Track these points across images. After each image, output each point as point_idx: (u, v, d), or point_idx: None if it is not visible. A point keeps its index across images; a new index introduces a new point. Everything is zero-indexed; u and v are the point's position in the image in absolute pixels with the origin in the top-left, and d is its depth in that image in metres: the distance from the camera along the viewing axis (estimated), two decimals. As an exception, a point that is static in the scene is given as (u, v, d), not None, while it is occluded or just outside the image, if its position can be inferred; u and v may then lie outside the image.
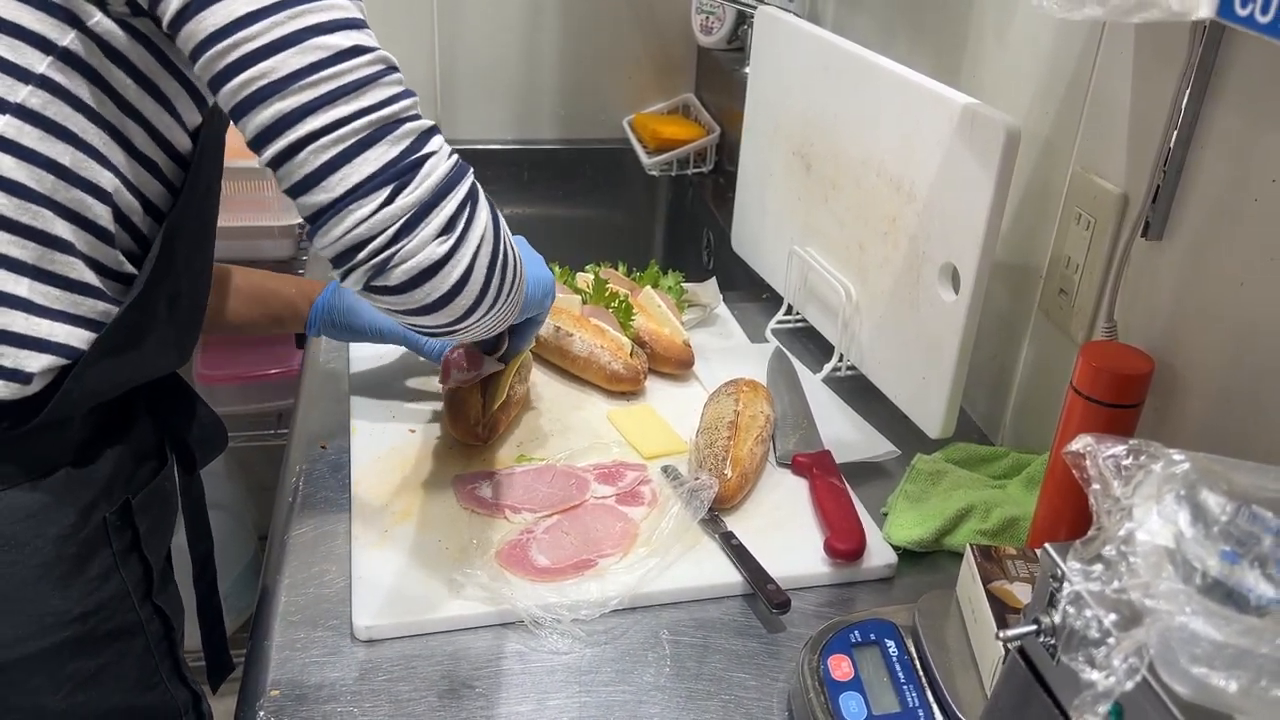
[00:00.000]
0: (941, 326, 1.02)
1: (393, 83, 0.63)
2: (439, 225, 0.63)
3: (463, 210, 0.64)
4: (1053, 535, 0.87)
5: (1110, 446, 0.51)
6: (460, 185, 0.65)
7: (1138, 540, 0.47)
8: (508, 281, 0.69)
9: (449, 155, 0.65)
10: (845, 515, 0.96)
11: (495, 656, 0.82)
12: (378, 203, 0.61)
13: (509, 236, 0.70)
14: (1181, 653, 0.43)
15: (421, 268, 0.63)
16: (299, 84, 0.59)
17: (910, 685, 0.75)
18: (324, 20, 0.61)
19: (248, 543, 1.96)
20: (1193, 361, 0.87)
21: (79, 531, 0.74)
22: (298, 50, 0.60)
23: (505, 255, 0.68)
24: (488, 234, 0.66)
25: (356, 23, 0.63)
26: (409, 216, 0.62)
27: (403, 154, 0.62)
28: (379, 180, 0.61)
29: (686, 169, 1.96)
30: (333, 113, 0.60)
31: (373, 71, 0.62)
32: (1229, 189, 0.82)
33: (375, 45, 0.63)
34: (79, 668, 0.75)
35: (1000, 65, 1.14)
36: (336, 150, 0.60)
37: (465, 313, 0.66)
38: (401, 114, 0.63)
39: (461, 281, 0.64)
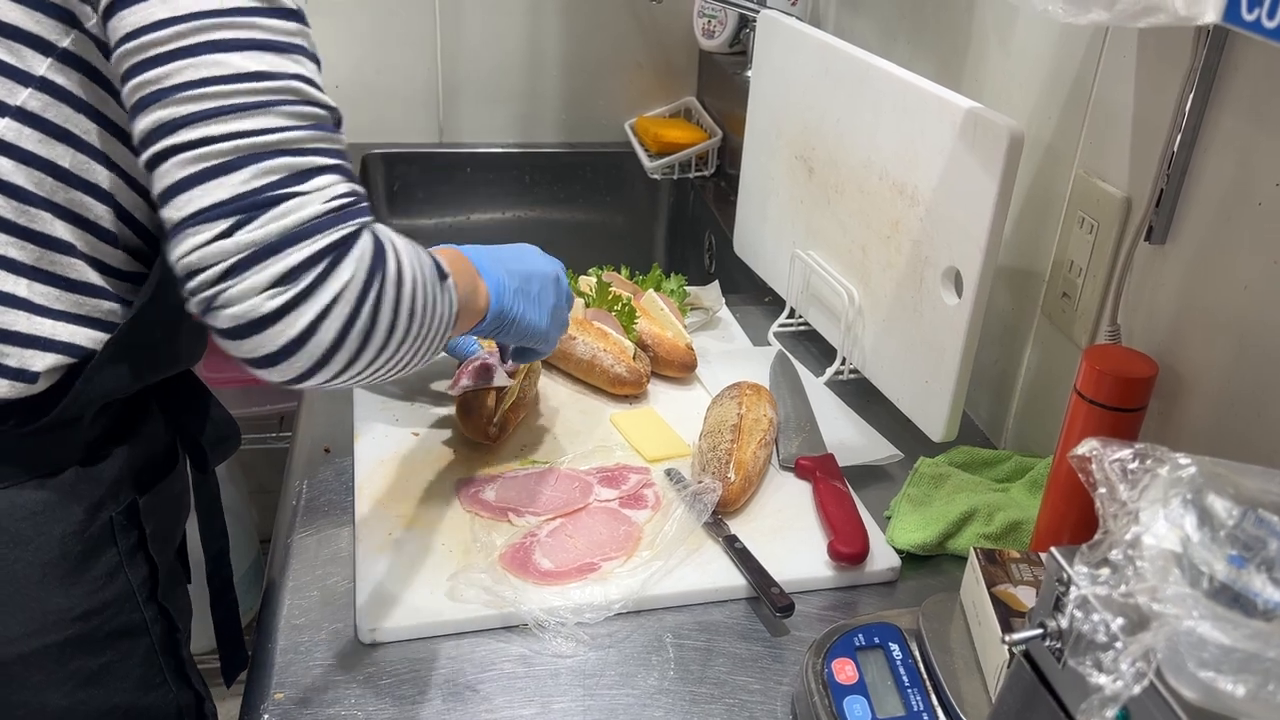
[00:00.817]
0: (944, 330, 1.02)
1: (289, 114, 0.59)
2: (273, 275, 0.57)
3: (313, 264, 0.58)
4: (1056, 539, 0.87)
5: (1116, 450, 0.51)
6: (322, 235, 0.59)
7: (1144, 544, 0.47)
8: (376, 345, 0.63)
9: (329, 200, 0.60)
10: (848, 519, 0.96)
11: (499, 660, 0.82)
12: (214, 233, 0.57)
13: (406, 293, 0.64)
14: (1189, 657, 0.43)
15: (246, 318, 0.58)
16: (182, 95, 0.58)
17: (915, 689, 0.75)
18: (233, 38, 0.59)
19: (250, 545, 1.96)
20: (1196, 365, 0.87)
21: (84, 530, 0.74)
22: (193, 63, 0.58)
23: (376, 319, 0.62)
24: (347, 294, 0.60)
25: (278, 45, 0.60)
26: (241, 257, 0.57)
27: (262, 188, 0.57)
28: (224, 209, 0.57)
29: (688, 172, 1.96)
30: (204, 130, 0.57)
31: (266, 99, 0.59)
32: (1232, 193, 0.83)
33: (290, 72, 0.60)
34: (81, 666, 0.75)
35: (1002, 69, 1.14)
36: (196, 168, 0.57)
37: (306, 373, 0.61)
38: (282, 145, 0.59)
39: (296, 343, 0.59)
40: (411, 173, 1.98)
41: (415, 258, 0.67)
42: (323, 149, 0.61)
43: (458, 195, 2.02)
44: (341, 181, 0.61)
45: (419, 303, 0.66)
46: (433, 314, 0.68)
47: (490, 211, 2.05)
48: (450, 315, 0.71)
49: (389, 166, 1.97)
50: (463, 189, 2.02)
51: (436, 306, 0.68)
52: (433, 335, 0.69)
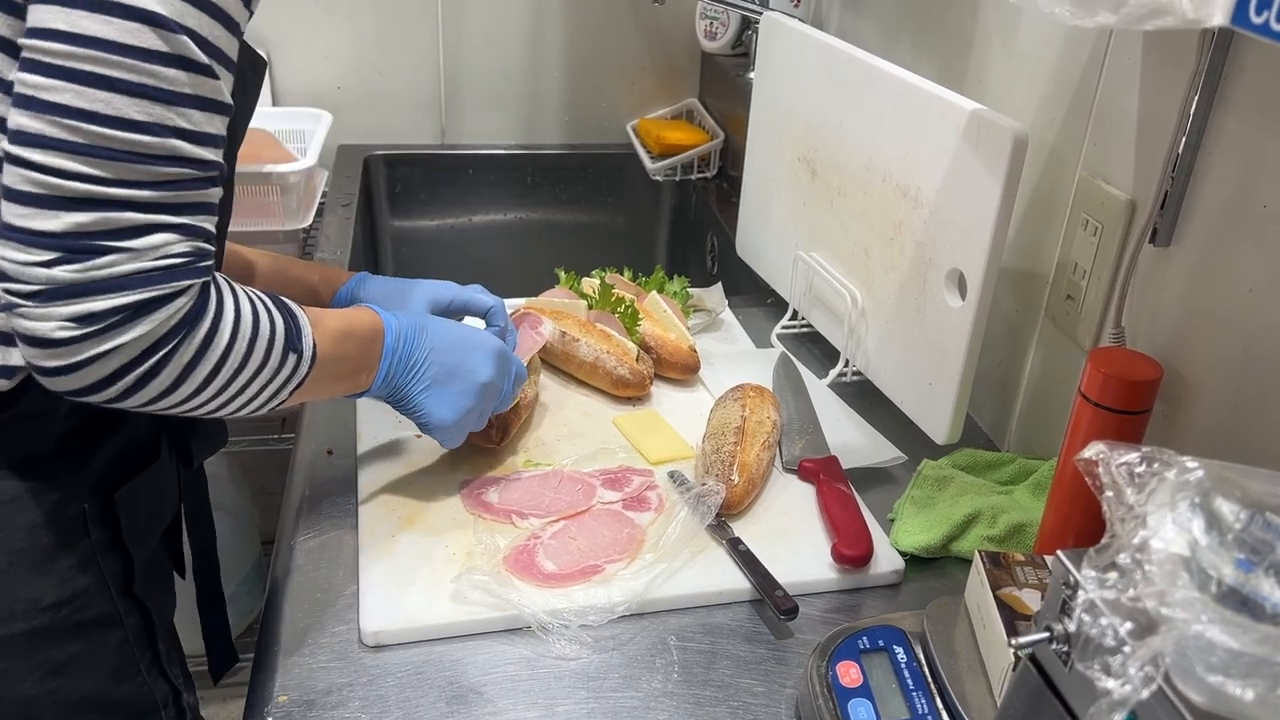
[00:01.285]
0: (948, 332, 1.02)
1: (150, 172, 0.61)
2: (73, 314, 0.61)
3: (112, 314, 0.62)
4: (1061, 541, 0.87)
5: (1123, 454, 0.51)
6: (135, 291, 0.62)
7: (1152, 548, 0.47)
8: (155, 389, 0.66)
9: (156, 259, 0.63)
10: (852, 521, 0.95)
11: (502, 662, 0.82)
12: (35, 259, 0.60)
13: (208, 353, 0.67)
14: (1197, 661, 0.43)
15: (32, 334, 0.62)
16: (55, 116, 0.59)
17: (919, 692, 0.74)
18: (125, 80, 0.59)
19: (252, 547, 1.96)
20: (1201, 368, 0.87)
21: (55, 521, 0.74)
22: (79, 91, 0.59)
23: (158, 370, 0.65)
24: (134, 347, 0.63)
25: (169, 97, 0.61)
26: (50, 288, 0.60)
27: (96, 234, 0.60)
28: (53, 241, 0.60)
29: (690, 174, 1.96)
30: (62, 161, 0.59)
31: (132, 150, 0.60)
32: (1238, 195, 0.82)
33: (168, 126, 0.61)
34: (50, 655, 0.75)
35: (1006, 71, 1.14)
36: (41, 191, 0.59)
37: (74, 393, 0.65)
38: (128, 200, 0.61)
39: (68, 369, 0.63)
40: (413, 174, 1.98)
41: (256, 327, 0.71)
42: (174, 206, 0.63)
43: (460, 197, 2.02)
44: (180, 241, 0.64)
45: (227, 368, 0.69)
46: (251, 379, 0.71)
47: (492, 213, 2.05)
48: (288, 380, 0.75)
49: (391, 168, 1.97)
50: (465, 191, 2.02)
51: (260, 373, 0.72)
52: (251, 394, 0.73)
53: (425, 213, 2.02)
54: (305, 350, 0.76)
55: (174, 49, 0.60)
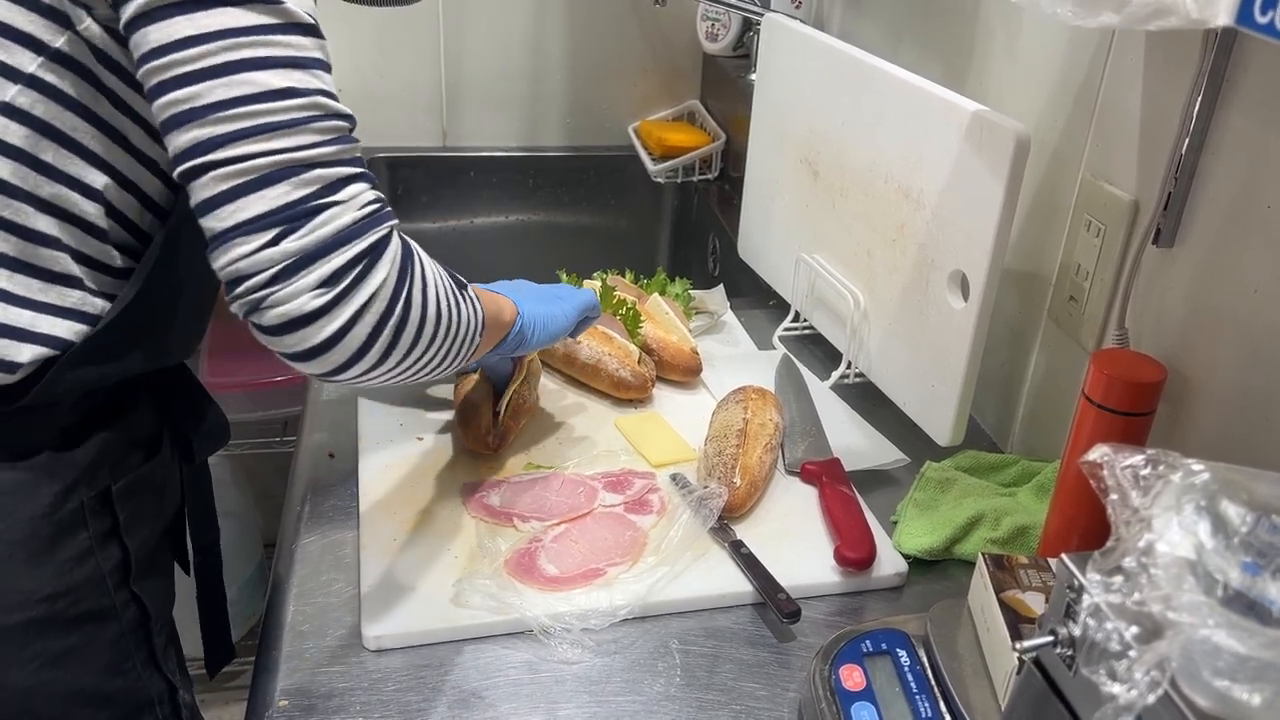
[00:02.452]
0: (951, 334, 1.02)
1: (318, 130, 0.63)
2: (319, 278, 0.62)
3: (352, 267, 0.63)
4: (1064, 544, 0.87)
5: (1128, 456, 0.51)
6: (359, 240, 0.63)
7: (1158, 551, 0.46)
8: (406, 341, 0.67)
9: (361, 207, 0.64)
10: (855, 523, 0.95)
11: (504, 666, 0.82)
12: (260, 243, 0.61)
13: (432, 294, 0.69)
14: (1204, 666, 0.42)
15: (291, 316, 0.62)
16: (217, 115, 0.60)
17: (923, 695, 0.74)
18: (261, 55, 0.61)
19: (254, 550, 1.95)
20: (1205, 369, 0.87)
21: (54, 513, 0.74)
22: (225, 82, 0.60)
23: (407, 316, 0.67)
24: (382, 293, 0.65)
25: (301, 62, 0.63)
26: (288, 263, 0.61)
27: (302, 199, 0.61)
28: (268, 221, 0.61)
29: (692, 176, 1.95)
30: (242, 148, 0.60)
31: (297, 116, 0.62)
32: (1241, 196, 0.82)
33: (314, 88, 0.63)
34: (45, 647, 0.75)
35: (1008, 72, 1.14)
36: (235, 182, 0.60)
37: (342, 366, 0.65)
38: (315, 160, 0.62)
39: (336, 337, 0.63)
40: (415, 176, 1.98)
41: (435, 266, 0.72)
42: (348, 159, 0.64)
43: (461, 199, 2.02)
44: (368, 189, 0.65)
45: (444, 305, 0.71)
46: (458, 317, 0.73)
47: (494, 215, 2.05)
48: (475, 322, 0.76)
49: (393, 170, 1.96)
50: (466, 193, 2.02)
51: (462, 311, 0.74)
52: (460, 338, 0.74)
53: (427, 215, 2.02)
54: (469, 291, 0.78)
55: (285, 18, 0.62)
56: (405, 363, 0.69)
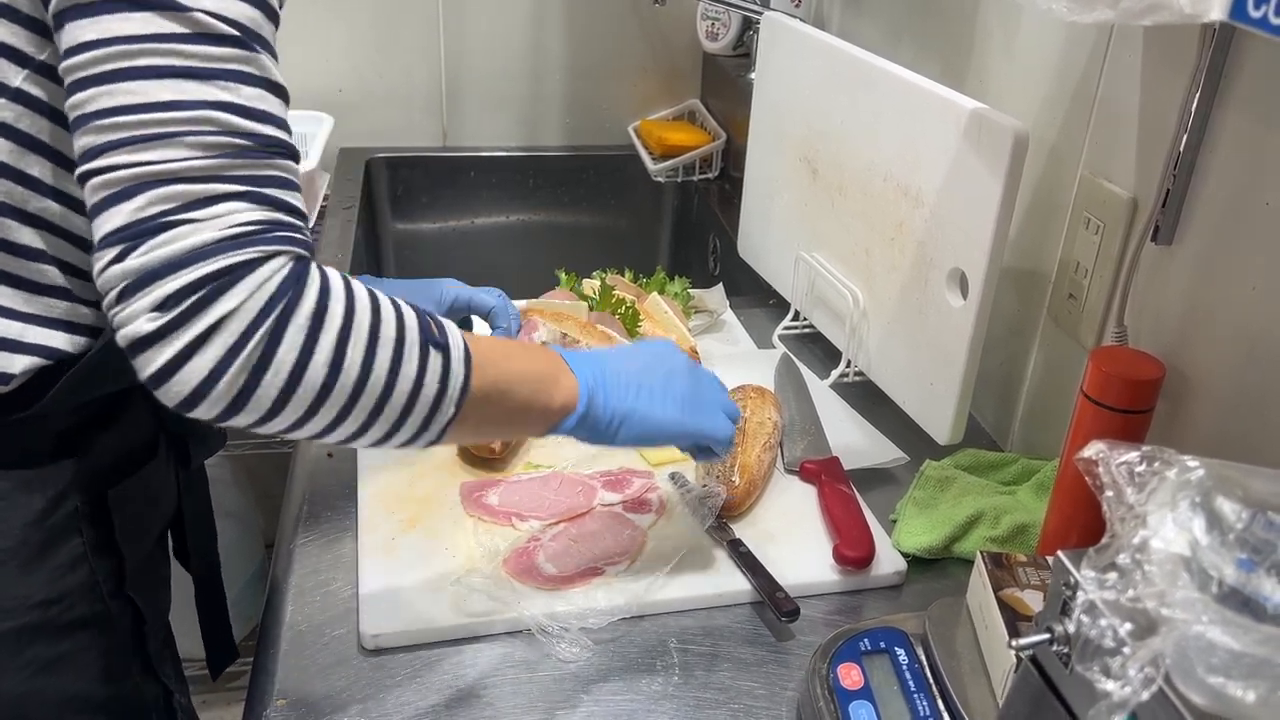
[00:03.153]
0: (950, 332, 1.02)
1: (196, 144, 0.58)
2: (154, 299, 0.57)
3: (194, 290, 0.57)
4: (1063, 542, 0.87)
5: (1123, 453, 0.50)
6: (209, 261, 0.57)
7: (1152, 548, 0.46)
8: (274, 387, 0.59)
9: (227, 227, 0.58)
10: (854, 522, 0.95)
11: (502, 665, 0.82)
12: (109, 258, 0.58)
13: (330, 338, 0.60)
14: (1198, 662, 0.42)
15: (130, 338, 0.58)
16: (98, 123, 0.58)
17: (921, 694, 0.74)
18: (153, 64, 0.58)
19: (255, 551, 1.96)
20: (1203, 367, 0.86)
21: (46, 519, 0.73)
22: (109, 90, 0.58)
23: (272, 355, 0.59)
24: (230, 323, 0.57)
25: (200, 73, 0.59)
26: (128, 283, 0.57)
27: (154, 215, 0.57)
28: (119, 235, 0.57)
29: (692, 175, 1.95)
30: (111, 158, 0.58)
31: (173, 129, 0.58)
32: (1240, 193, 0.82)
33: (209, 100, 0.59)
34: (38, 654, 0.75)
35: (1007, 70, 1.13)
36: (103, 194, 0.58)
37: (190, 400, 0.58)
38: (180, 174, 0.58)
39: (172, 365, 0.57)
40: (415, 176, 1.98)
41: (376, 307, 0.63)
42: (232, 176, 0.59)
43: (461, 199, 2.02)
44: (251, 210, 0.59)
45: (353, 351, 0.61)
46: (391, 373, 0.63)
47: (494, 215, 2.05)
48: (443, 384, 0.66)
49: (392, 170, 1.96)
50: (466, 193, 2.02)
51: (400, 365, 0.63)
52: (400, 400, 0.64)
53: (427, 215, 2.02)
54: (452, 347, 0.67)
55: (195, 28, 0.59)
56: (288, 414, 0.60)
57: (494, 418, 0.73)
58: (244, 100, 0.60)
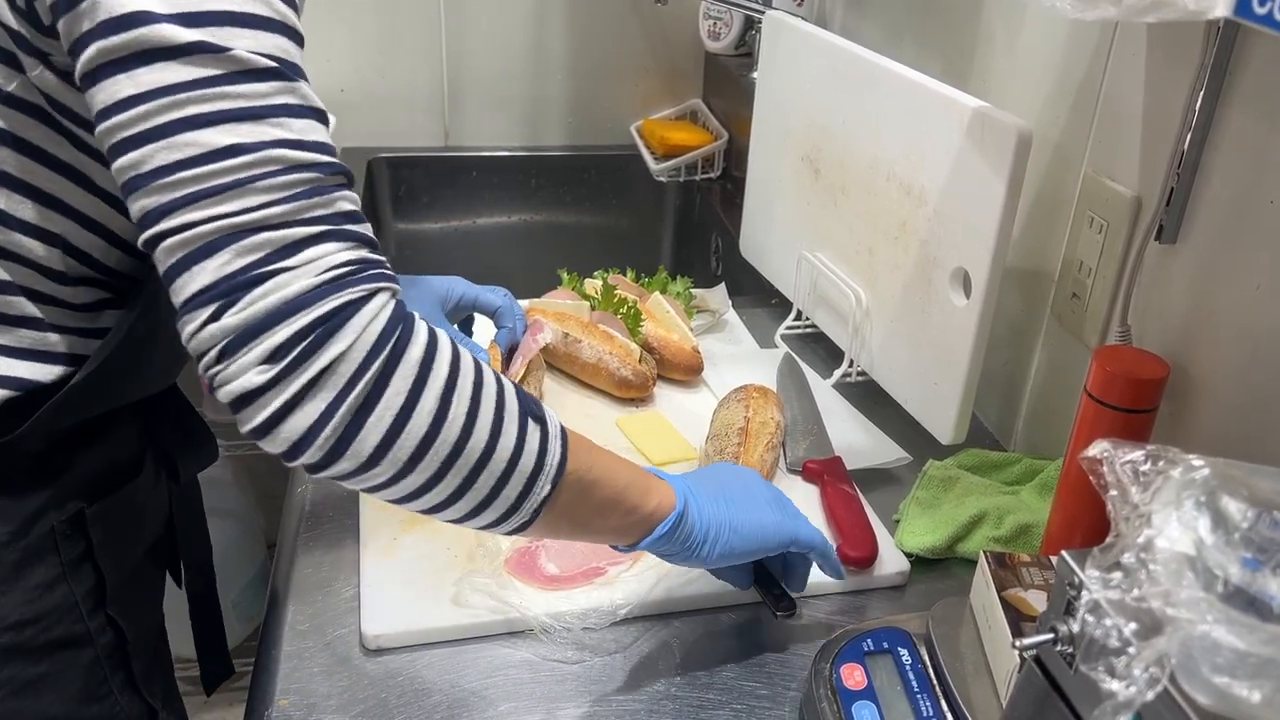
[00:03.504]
0: (953, 332, 1.01)
1: (268, 188, 0.56)
2: (262, 353, 0.55)
3: (301, 338, 0.55)
4: (1067, 542, 0.87)
5: (1128, 452, 0.50)
6: (312, 308, 0.56)
7: (1157, 547, 0.46)
8: (378, 432, 0.57)
9: (322, 272, 0.56)
10: (857, 522, 0.95)
11: (504, 666, 0.81)
12: (203, 319, 0.56)
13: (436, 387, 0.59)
14: (1203, 662, 0.42)
15: (236, 394, 0.56)
16: (160, 181, 0.55)
17: (924, 694, 0.74)
18: (204, 112, 0.55)
19: (256, 551, 1.95)
20: (1208, 366, 0.86)
21: (20, 539, 0.72)
22: (166, 145, 0.55)
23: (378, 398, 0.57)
24: (340, 366, 0.56)
25: (252, 113, 0.56)
26: (229, 340, 0.56)
27: (245, 268, 0.55)
28: (209, 295, 0.55)
29: (694, 175, 1.95)
30: (184, 216, 0.55)
31: (242, 175, 0.56)
32: (1244, 191, 0.82)
33: (268, 139, 0.56)
34: (15, 675, 0.73)
35: (1010, 69, 1.13)
36: (181, 254, 0.56)
37: (296, 449, 0.57)
38: (261, 223, 0.56)
39: (281, 413, 0.56)
40: (416, 176, 1.98)
41: (485, 374, 0.62)
42: (311, 218, 0.57)
43: (463, 199, 2.02)
44: (340, 250, 0.58)
45: (458, 405, 0.60)
46: (491, 439, 0.61)
47: (496, 215, 2.05)
48: (540, 459, 0.64)
49: (394, 170, 1.96)
50: (468, 193, 2.02)
51: (506, 436, 0.62)
52: (499, 466, 0.62)
53: (429, 215, 2.02)
54: (550, 423, 0.65)
55: (234, 66, 0.56)
56: (386, 466, 0.59)
57: (586, 508, 0.70)
58: (297, 134, 0.58)
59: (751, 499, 0.81)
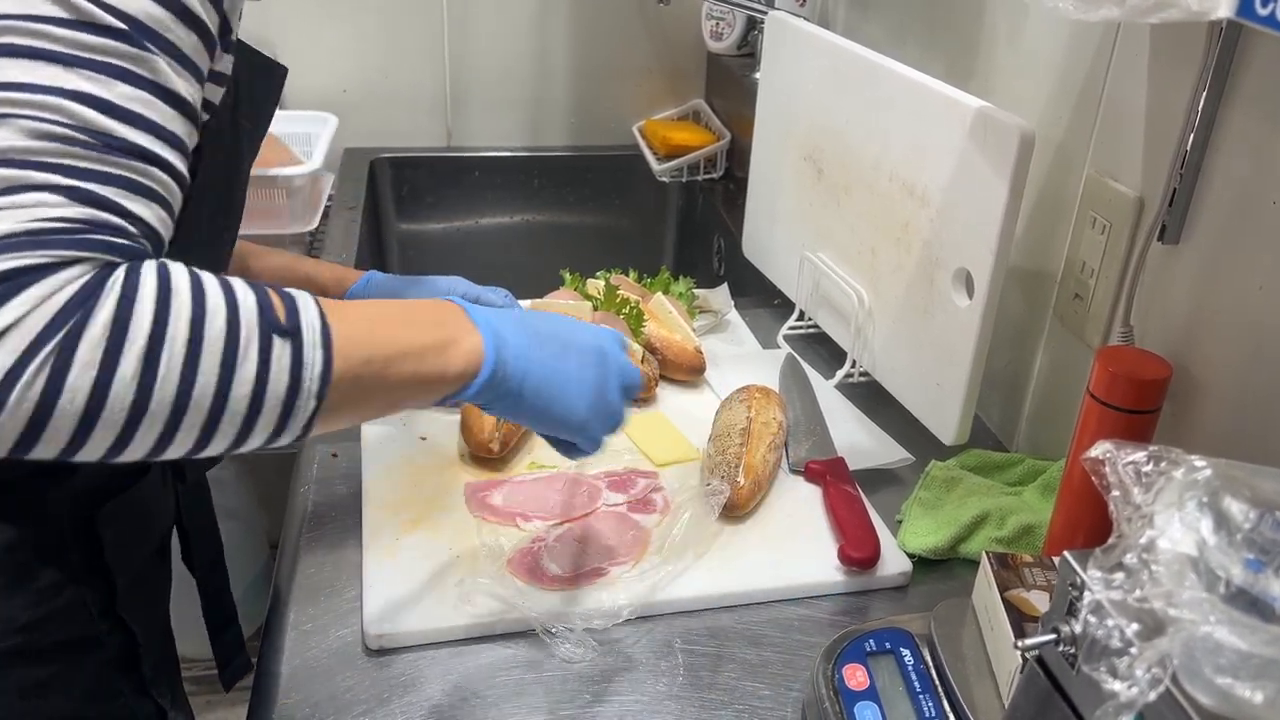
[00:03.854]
0: (955, 332, 1.01)
1: (31, 130, 0.51)
2: None
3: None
4: (1069, 542, 0.87)
5: (1130, 453, 0.50)
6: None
7: (1159, 548, 0.46)
8: (71, 415, 0.50)
9: (31, 220, 0.50)
10: (859, 523, 0.95)
11: (507, 666, 0.82)
12: None
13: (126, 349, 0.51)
14: (1206, 663, 0.42)
15: None
16: None
17: (926, 695, 0.74)
18: (11, 43, 0.52)
19: (259, 551, 1.96)
20: (1210, 366, 0.86)
21: (30, 541, 0.72)
22: None
23: (54, 376, 0.49)
24: (11, 339, 0.48)
25: (65, 59, 0.52)
26: None
27: None
28: None
29: (697, 175, 1.95)
30: None
31: (6, 111, 0.51)
32: (1247, 192, 0.82)
33: (62, 88, 0.52)
34: (24, 676, 0.73)
35: (1013, 69, 1.13)
36: None
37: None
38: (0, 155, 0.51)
39: None
40: (419, 177, 1.98)
41: (201, 300, 0.54)
42: (54, 165, 0.51)
43: (466, 199, 2.02)
44: (63, 205, 0.51)
45: (168, 362, 0.52)
46: (221, 380, 0.54)
47: (498, 215, 2.05)
48: (295, 376, 0.56)
49: (397, 170, 1.97)
50: (470, 193, 2.02)
51: (235, 365, 0.54)
52: (241, 405, 0.55)
53: (431, 215, 2.02)
54: (304, 329, 0.57)
55: (72, 14, 0.52)
56: (96, 442, 0.52)
57: (374, 400, 0.63)
58: (115, 98, 0.53)
59: (582, 381, 0.74)
